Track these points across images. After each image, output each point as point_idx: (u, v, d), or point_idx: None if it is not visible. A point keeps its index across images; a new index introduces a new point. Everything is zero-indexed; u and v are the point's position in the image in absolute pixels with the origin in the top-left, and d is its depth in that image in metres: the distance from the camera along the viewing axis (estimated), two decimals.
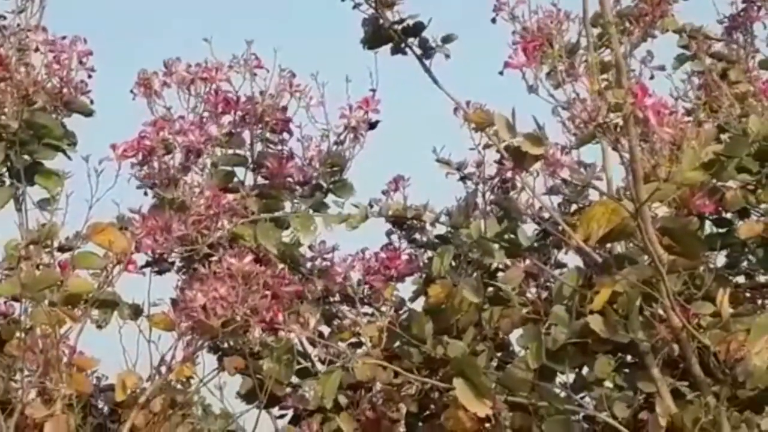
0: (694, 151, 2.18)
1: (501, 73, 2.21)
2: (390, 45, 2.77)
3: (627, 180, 2.32)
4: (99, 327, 2.68)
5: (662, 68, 2.92)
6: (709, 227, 2.68)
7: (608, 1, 2.42)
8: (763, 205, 2.58)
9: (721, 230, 2.67)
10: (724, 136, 2.59)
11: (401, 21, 2.74)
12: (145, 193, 2.70)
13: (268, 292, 2.30)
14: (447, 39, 2.75)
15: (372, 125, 2.79)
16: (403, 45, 2.76)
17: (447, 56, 2.75)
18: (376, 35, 2.76)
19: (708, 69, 2.88)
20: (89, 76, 2.72)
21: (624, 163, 2.23)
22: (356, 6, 2.76)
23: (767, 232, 2.56)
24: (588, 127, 2.12)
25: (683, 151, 2.15)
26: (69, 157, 2.69)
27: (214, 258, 2.51)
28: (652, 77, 2.91)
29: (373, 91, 2.82)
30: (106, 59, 2.83)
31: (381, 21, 2.74)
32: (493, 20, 2.69)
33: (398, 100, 3.19)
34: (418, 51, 2.76)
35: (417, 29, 2.74)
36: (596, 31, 2.68)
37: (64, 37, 2.71)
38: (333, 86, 2.83)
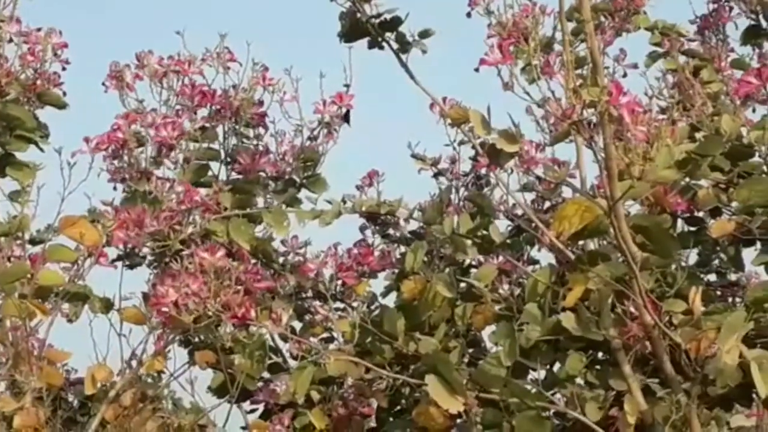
0: (668, 150, 2.19)
1: (477, 70, 2.21)
2: (367, 39, 2.77)
3: (601, 177, 2.32)
4: (69, 320, 2.67)
5: (635, 66, 2.93)
6: (681, 225, 2.69)
7: None
8: (734, 204, 2.59)
9: (693, 228, 2.68)
10: (697, 135, 2.60)
11: (378, 15, 2.74)
12: (115, 188, 2.69)
13: (240, 288, 2.30)
14: (424, 34, 2.75)
15: (345, 117, 2.78)
16: (380, 39, 2.75)
17: (424, 51, 2.75)
18: (353, 29, 2.75)
19: (681, 67, 2.88)
20: (63, 69, 2.71)
21: (598, 160, 2.23)
22: None
23: (738, 230, 2.57)
24: (563, 124, 2.12)
25: (657, 149, 2.15)
26: (41, 149, 2.68)
27: (187, 253, 2.50)
28: (625, 75, 2.92)
29: (347, 86, 2.82)
30: (80, 51, 2.82)
31: (358, 15, 2.73)
32: (468, 14, 2.70)
33: (373, 95, 3.18)
34: (395, 45, 2.75)
35: (394, 24, 2.74)
36: (571, 25, 2.68)
37: (38, 29, 2.70)
38: (307, 81, 2.83)
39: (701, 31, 2.90)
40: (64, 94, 2.72)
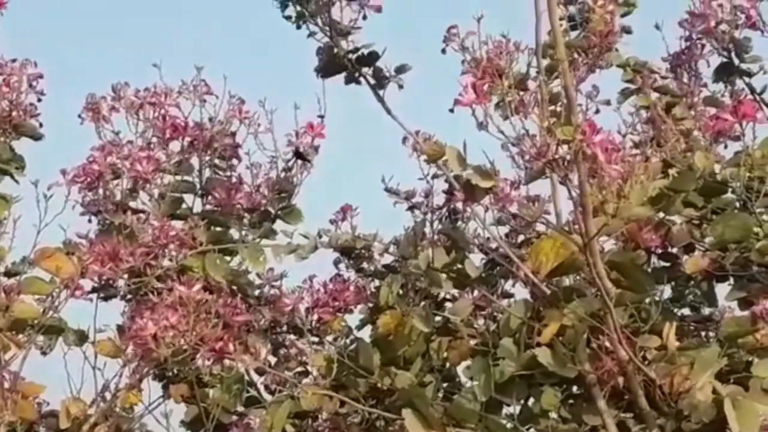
0: (642, 186, 2.21)
1: (451, 110, 2.22)
2: (344, 74, 2.78)
3: (575, 214, 2.33)
4: (44, 353, 2.66)
5: (608, 103, 2.95)
6: (655, 261, 2.71)
7: (560, 35, 2.44)
8: (708, 240, 2.61)
9: (667, 264, 2.70)
10: (670, 171, 2.62)
11: (356, 50, 2.75)
12: (89, 220, 2.69)
13: (218, 321, 2.29)
14: (401, 69, 2.76)
15: (299, 156, 2.79)
16: (357, 74, 2.76)
17: (400, 86, 2.76)
18: (330, 64, 2.76)
19: (653, 104, 2.90)
20: (39, 100, 2.71)
21: (573, 197, 2.25)
22: (311, 35, 2.76)
23: (712, 266, 2.59)
24: (537, 163, 2.14)
25: (631, 185, 2.17)
26: (17, 181, 2.67)
27: (162, 286, 2.50)
28: (597, 111, 2.94)
29: (321, 117, 2.82)
30: (56, 83, 2.81)
31: (335, 50, 2.74)
32: (443, 51, 2.71)
33: (348, 127, 3.19)
34: (372, 80, 2.76)
35: (371, 59, 2.75)
36: (545, 61, 2.70)
37: (14, 60, 2.69)
38: (282, 113, 2.84)
39: (674, 69, 2.92)
40: (41, 125, 2.72)
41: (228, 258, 2.70)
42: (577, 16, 2.99)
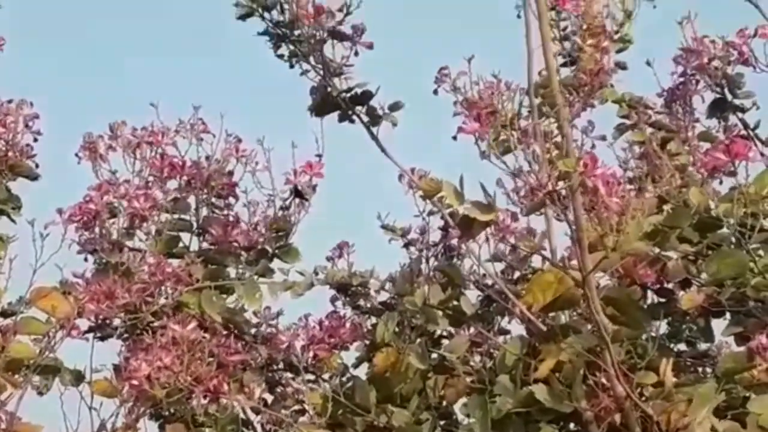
0: (638, 221, 2.21)
1: (455, 138, 2.23)
2: (337, 112, 2.79)
3: (571, 249, 2.34)
4: (40, 393, 2.65)
5: (603, 138, 2.96)
6: (651, 296, 2.71)
7: (555, 71, 2.45)
8: (703, 275, 2.61)
9: (662, 300, 2.70)
10: (665, 207, 2.63)
11: (349, 90, 2.76)
12: (86, 259, 2.69)
13: (212, 359, 2.29)
14: (394, 107, 2.77)
15: (297, 194, 2.79)
16: (350, 113, 2.77)
17: (394, 124, 2.77)
18: (323, 103, 2.77)
19: (648, 139, 2.91)
20: (35, 140, 2.72)
21: (570, 232, 2.25)
22: (304, 73, 2.78)
23: (708, 302, 2.59)
24: (537, 195, 2.14)
25: (628, 221, 2.17)
26: (13, 221, 2.67)
27: (158, 324, 2.50)
28: (593, 146, 2.95)
29: (319, 156, 2.83)
30: (53, 122, 2.82)
31: (329, 89, 2.75)
32: (435, 92, 2.73)
33: (345, 164, 3.20)
34: (366, 119, 2.78)
35: (365, 98, 2.76)
36: (538, 100, 2.71)
37: (10, 101, 2.70)
38: (280, 151, 2.85)
39: (668, 104, 2.93)
40: (37, 165, 2.72)
41: (224, 296, 2.70)
42: (571, 54, 3.01)
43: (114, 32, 5.42)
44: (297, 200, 2.81)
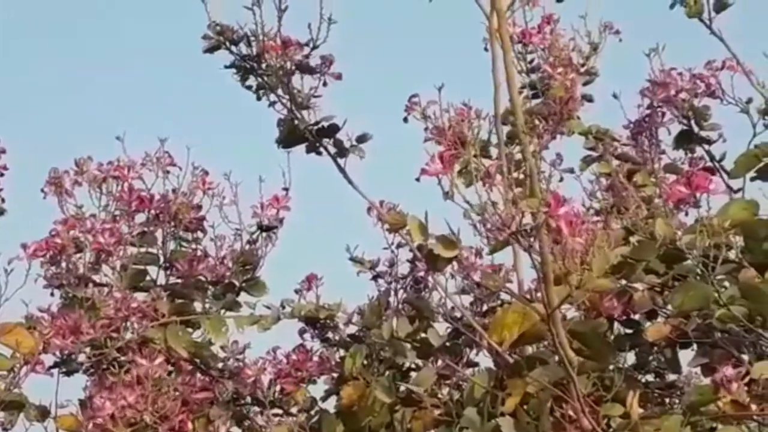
0: (603, 256, 2.22)
1: (417, 179, 2.23)
2: (305, 144, 2.79)
3: (538, 283, 2.34)
4: (5, 429, 2.63)
5: (571, 171, 2.98)
6: (617, 328, 2.71)
7: (519, 107, 2.46)
8: (669, 307, 2.61)
9: (629, 331, 2.70)
10: (632, 238, 2.64)
11: (317, 123, 2.76)
12: (52, 294, 2.68)
13: (177, 394, 2.28)
14: (361, 139, 2.77)
15: (263, 228, 2.79)
16: (317, 145, 2.77)
17: (361, 157, 2.77)
18: (290, 135, 2.77)
19: (615, 171, 2.92)
20: (1, 174, 2.71)
21: (535, 266, 2.25)
22: (271, 105, 2.78)
23: (674, 333, 2.59)
24: (501, 234, 2.15)
25: (592, 256, 2.18)
26: None
27: (124, 359, 2.49)
28: (561, 179, 2.96)
29: (286, 189, 2.83)
30: (19, 156, 2.82)
31: (296, 121, 2.75)
32: (405, 120, 2.73)
33: (312, 197, 3.20)
34: (333, 150, 2.78)
35: (332, 130, 2.77)
36: (506, 128, 2.72)
37: None
38: (246, 185, 2.85)
39: (634, 136, 2.95)
40: (2, 200, 2.72)
41: (190, 330, 2.69)
42: (539, 84, 3.02)
43: (78, 63, 5.43)
44: (264, 234, 2.81)
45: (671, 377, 2.85)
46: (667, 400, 2.80)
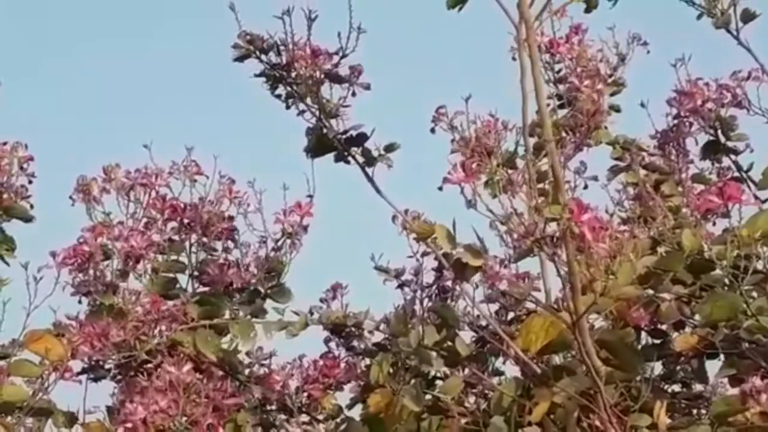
0: (630, 265, 2.21)
1: (440, 188, 2.23)
2: (333, 153, 2.80)
3: (564, 292, 2.34)
4: None
5: (596, 179, 2.97)
6: (644, 338, 2.71)
7: (547, 116, 2.46)
8: (697, 317, 2.61)
9: (656, 341, 2.70)
10: (659, 249, 2.63)
11: (345, 131, 2.77)
12: (80, 301, 2.70)
13: (207, 402, 2.29)
14: (389, 148, 2.78)
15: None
16: (346, 154, 2.78)
17: (389, 166, 2.78)
18: (319, 144, 2.78)
19: (642, 181, 2.92)
20: (30, 182, 2.72)
21: (561, 275, 2.25)
22: (300, 113, 2.79)
23: (702, 344, 2.59)
24: (526, 241, 2.15)
25: (619, 263, 2.18)
26: (7, 263, 2.68)
27: (152, 364, 2.50)
28: (586, 187, 2.96)
29: (310, 197, 2.84)
30: (47, 164, 2.83)
31: (325, 130, 2.76)
32: (432, 130, 2.74)
33: (338, 205, 3.21)
34: (361, 160, 2.78)
35: (360, 139, 2.77)
36: (533, 140, 2.72)
37: (5, 143, 2.71)
38: (272, 193, 2.86)
39: (662, 146, 2.95)
40: (31, 207, 2.73)
41: (218, 335, 2.70)
42: (566, 95, 3.02)
43: (107, 72, 5.45)
44: (288, 241, 2.81)
45: (698, 387, 2.84)
46: (695, 411, 2.79)
